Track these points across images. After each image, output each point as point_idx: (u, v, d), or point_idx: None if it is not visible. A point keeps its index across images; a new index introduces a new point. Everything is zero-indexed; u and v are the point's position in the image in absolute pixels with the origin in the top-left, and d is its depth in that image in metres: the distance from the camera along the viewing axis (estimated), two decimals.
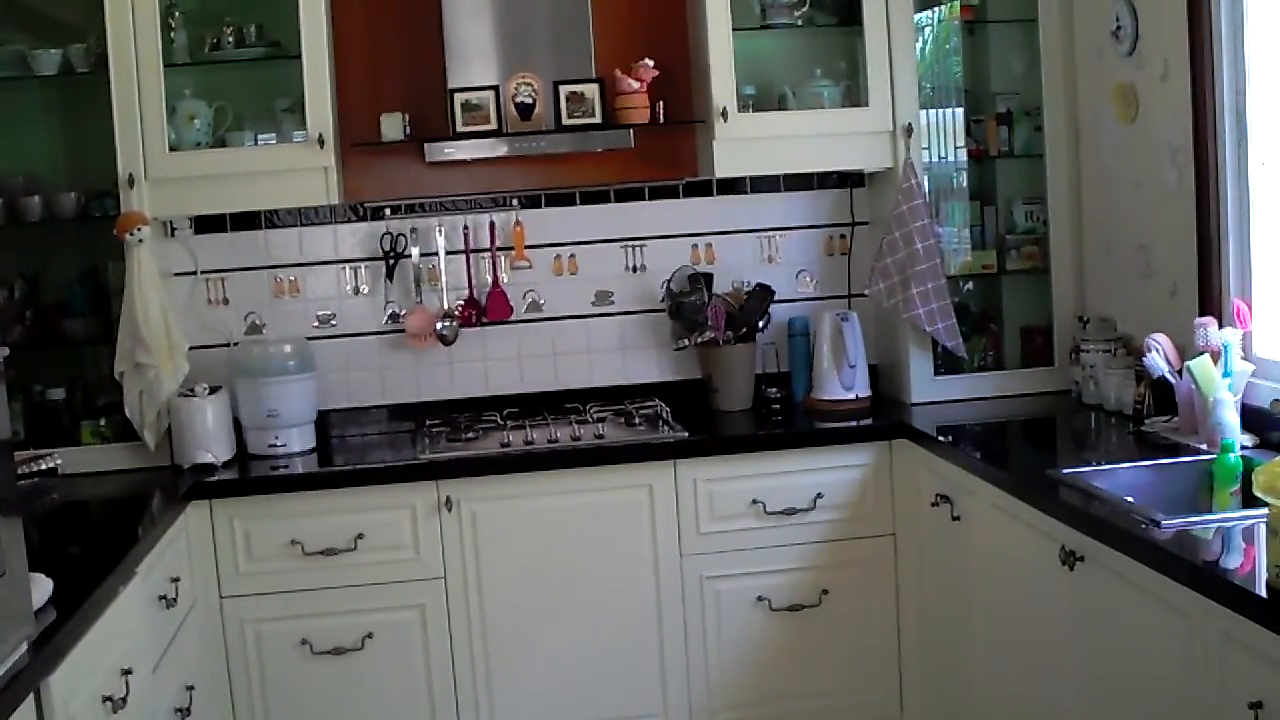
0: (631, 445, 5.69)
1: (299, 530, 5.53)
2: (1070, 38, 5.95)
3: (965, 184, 6.26)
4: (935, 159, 6.17)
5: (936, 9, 6.17)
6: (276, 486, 5.62)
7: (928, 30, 6.18)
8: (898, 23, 5.91)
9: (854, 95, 6.07)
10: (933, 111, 6.16)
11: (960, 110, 6.21)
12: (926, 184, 6.05)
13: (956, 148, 6.20)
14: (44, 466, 5.55)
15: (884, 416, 5.95)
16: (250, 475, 5.72)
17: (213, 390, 5.83)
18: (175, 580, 5.05)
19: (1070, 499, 4.39)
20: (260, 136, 5.93)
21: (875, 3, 5.90)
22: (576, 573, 5.66)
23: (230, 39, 5.91)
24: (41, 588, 4.00)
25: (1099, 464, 4.80)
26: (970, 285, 6.35)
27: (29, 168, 5.95)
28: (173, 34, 5.84)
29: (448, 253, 6.28)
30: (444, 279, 6.27)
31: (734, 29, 5.87)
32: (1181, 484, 4.58)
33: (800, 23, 6.08)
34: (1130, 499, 4.24)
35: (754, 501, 5.67)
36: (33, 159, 5.99)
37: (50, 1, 5.92)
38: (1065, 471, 4.62)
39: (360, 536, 5.54)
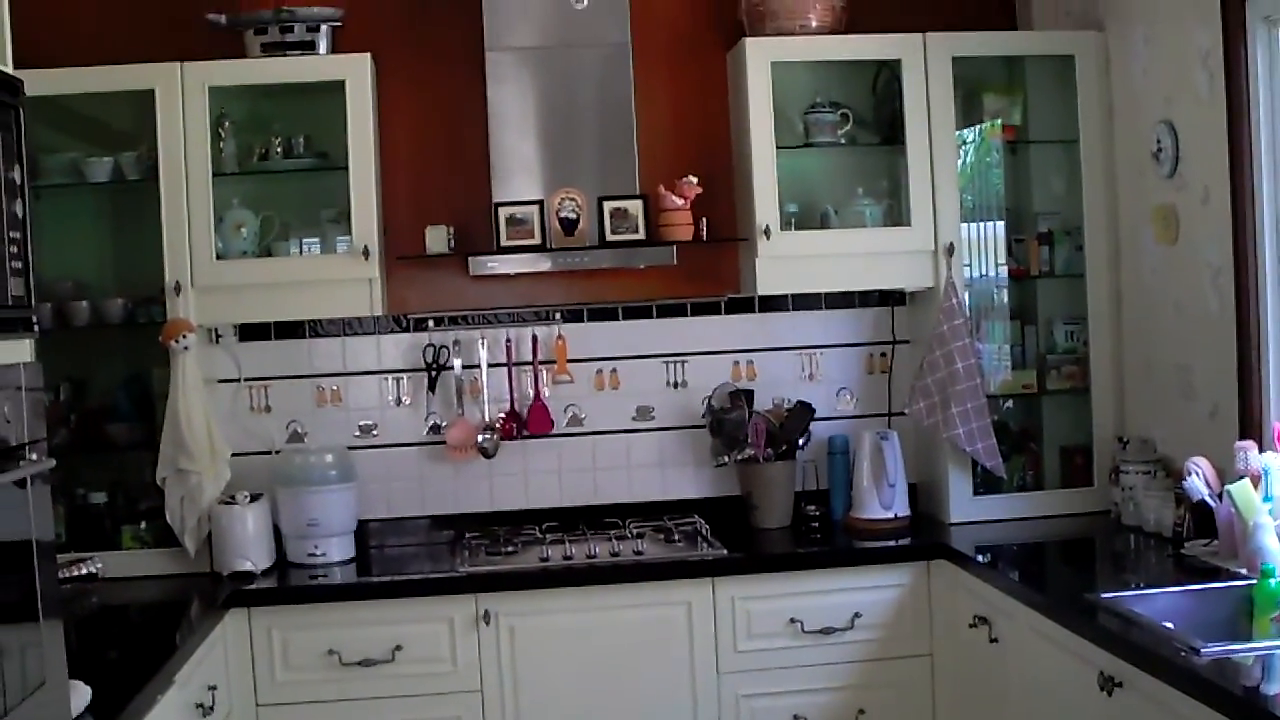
0: (669, 562, 5.67)
1: (337, 640, 5.51)
2: (1111, 159, 5.98)
3: (1006, 303, 6.28)
4: (977, 276, 6.19)
5: (978, 127, 6.20)
6: (315, 596, 5.63)
7: (970, 146, 6.21)
8: (940, 143, 5.94)
9: (896, 214, 6.10)
10: (974, 226, 6.18)
11: (1002, 225, 6.23)
12: (968, 302, 6.06)
13: (998, 265, 6.22)
14: (84, 571, 5.54)
15: (923, 536, 5.93)
16: (289, 584, 5.72)
17: (253, 498, 5.84)
18: (213, 689, 5.04)
19: (1109, 624, 4.35)
20: (306, 245, 5.97)
21: (918, 123, 5.94)
22: (614, 689, 5.61)
23: (279, 149, 5.98)
24: (80, 695, 4.01)
25: (1138, 587, 4.76)
26: (1010, 404, 6.33)
27: (78, 273, 6.00)
28: (222, 144, 5.91)
29: (490, 365, 6.29)
30: (486, 391, 6.28)
31: (777, 147, 5.92)
32: (1221, 609, 4.51)
33: (843, 141, 6.13)
34: (1169, 625, 4.20)
35: (791, 620, 5.63)
36: (82, 264, 6.04)
37: (104, 109, 5.98)
38: (1104, 595, 4.58)
39: (398, 648, 5.51)
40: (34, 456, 3.69)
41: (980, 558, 5.48)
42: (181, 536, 5.77)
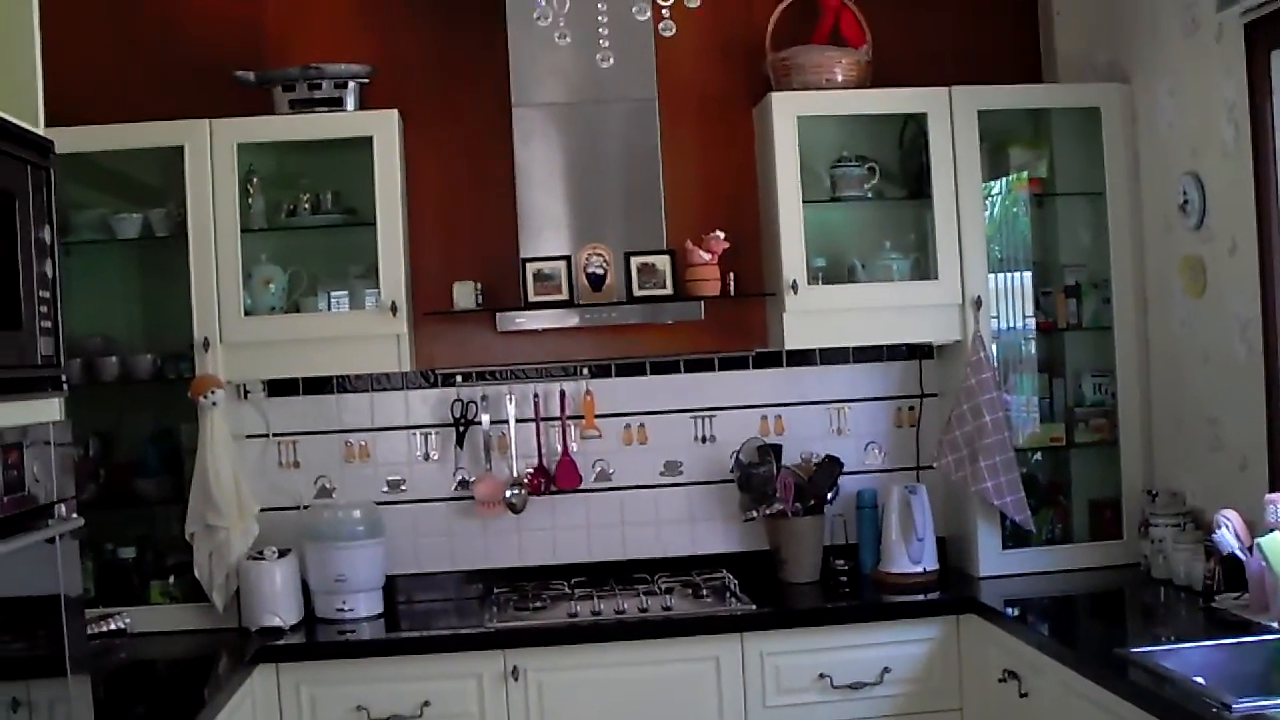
0: (698, 618, 5.65)
1: (365, 696, 5.50)
2: (1138, 211, 5.98)
3: (1034, 355, 6.26)
4: (1004, 328, 6.18)
5: (1004, 180, 6.20)
6: (343, 652, 5.60)
7: (996, 199, 6.21)
8: (966, 196, 5.95)
9: (923, 268, 6.10)
10: (1002, 278, 6.18)
11: (1029, 278, 6.22)
12: (995, 355, 6.06)
13: (1026, 318, 6.21)
14: (113, 626, 5.56)
15: (952, 590, 5.90)
16: (317, 640, 5.71)
17: (282, 553, 5.84)
18: None
19: (1139, 679, 4.31)
20: (334, 301, 5.98)
21: (944, 177, 5.95)
22: None
23: (307, 205, 6.01)
24: None
25: (1168, 642, 4.72)
26: (1039, 457, 6.31)
27: (107, 329, 6.05)
28: (250, 200, 5.93)
29: (518, 420, 6.28)
30: (514, 446, 6.28)
31: (804, 201, 5.93)
32: (1252, 664, 4.48)
33: (870, 195, 6.15)
34: (1200, 680, 4.15)
35: (821, 675, 5.60)
36: (111, 320, 6.08)
37: (133, 166, 6.02)
38: (1134, 650, 4.54)
39: (426, 704, 5.50)
40: (63, 514, 3.69)
41: (1009, 612, 5.46)
42: (210, 592, 5.78)
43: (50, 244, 3.71)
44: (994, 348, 6.06)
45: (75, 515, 3.77)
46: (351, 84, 5.94)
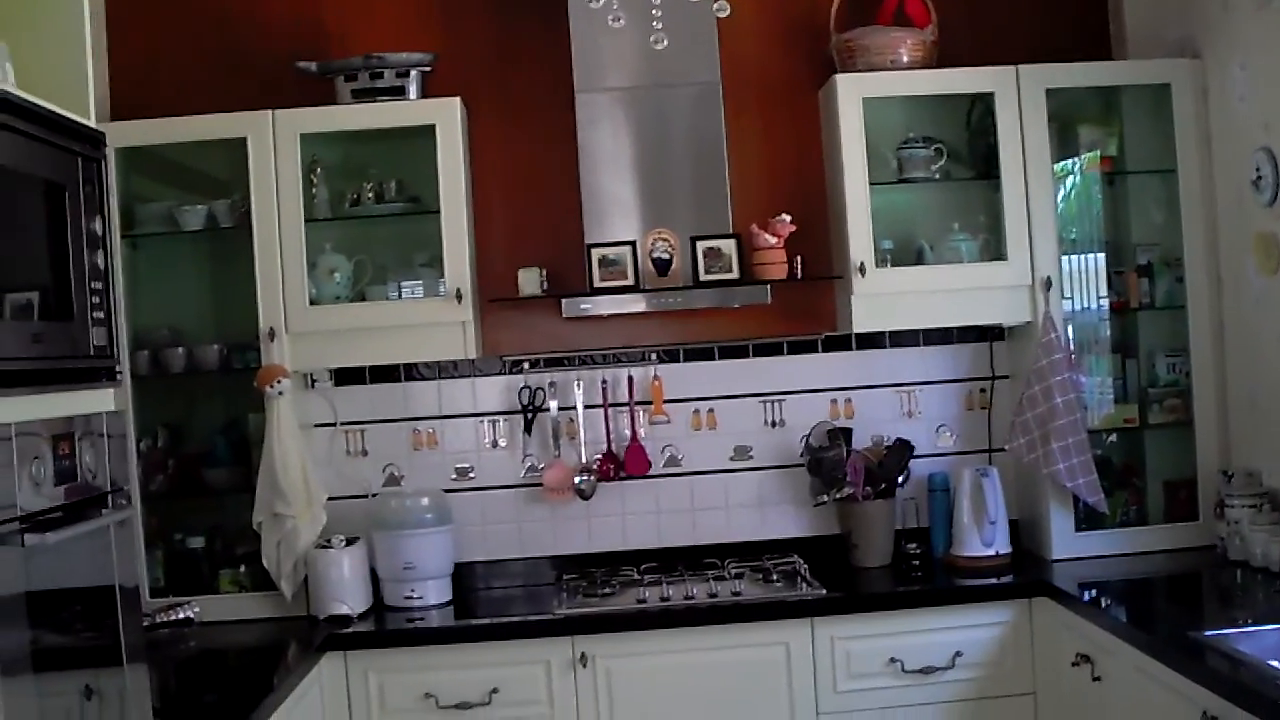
0: (768, 603, 5.62)
1: (433, 684, 5.50)
2: (1210, 188, 5.89)
3: (1107, 336, 6.19)
4: (1077, 309, 6.11)
5: (1075, 160, 6.12)
6: (411, 640, 5.62)
7: (1066, 178, 6.13)
8: (1035, 176, 5.88)
9: (992, 249, 6.03)
10: (1075, 259, 6.11)
11: (1101, 258, 6.14)
12: (1071, 335, 6.00)
13: (1099, 299, 6.14)
14: (180, 616, 5.59)
15: (1024, 573, 5.84)
16: (385, 628, 5.72)
17: (350, 542, 5.86)
18: None
19: (1214, 663, 4.25)
20: (399, 289, 5.96)
21: (1012, 156, 5.88)
22: None
23: (370, 195, 6.01)
24: None
25: (1244, 624, 4.65)
26: (1112, 439, 6.24)
27: (174, 320, 6.08)
28: (314, 190, 5.95)
29: (586, 406, 6.28)
30: (582, 433, 6.27)
31: (871, 183, 5.89)
32: None
33: (937, 177, 6.09)
34: (1276, 663, 4.10)
35: (892, 660, 5.56)
36: (178, 312, 6.11)
37: (197, 158, 6.06)
38: (1209, 633, 4.48)
39: (494, 691, 5.50)
40: (117, 504, 3.70)
41: (1083, 595, 5.39)
42: (278, 580, 5.80)
43: (102, 235, 3.71)
44: (1067, 329, 5.99)
45: (129, 504, 3.75)
46: (414, 72, 5.94)
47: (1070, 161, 6.13)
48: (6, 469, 3.10)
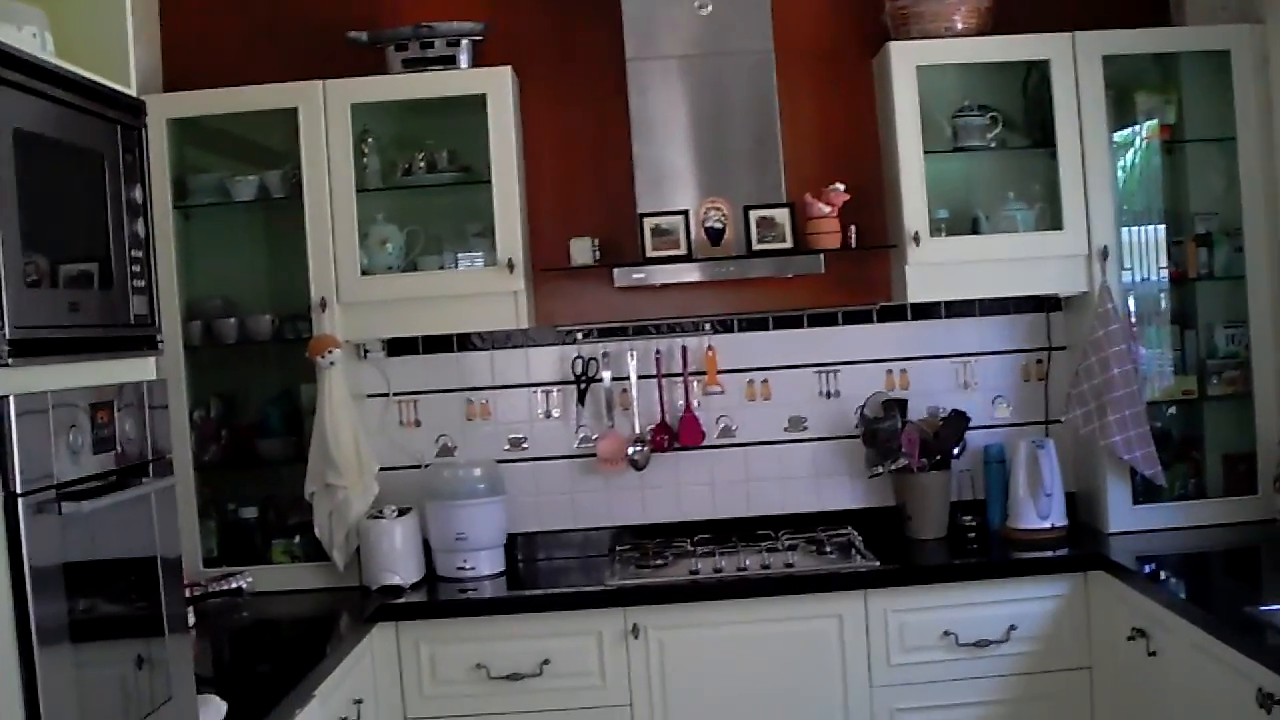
0: (821, 574, 5.59)
1: (485, 654, 5.51)
2: (1271, 156, 5.80)
3: (1165, 307, 6.11)
4: (1136, 280, 6.03)
5: (1134, 128, 6.05)
6: (463, 610, 5.63)
7: (1124, 147, 6.05)
8: (1092, 144, 5.81)
9: (1049, 218, 5.97)
10: (1134, 231, 6.03)
11: (1160, 228, 6.07)
12: (1132, 306, 5.95)
13: (1159, 269, 6.06)
14: (231, 586, 5.60)
15: (1081, 546, 5.77)
16: (438, 598, 5.73)
17: (402, 512, 5.87)
18: (359, 702, 5.07)
19: (1271, 639, 4.19)
20: (451, 259, 5.97)
21: (1069, 124, 5.81)
22: (764, 703, 5.54)
23: (422, 164, 6.00)
24: (214, 710, 4.01)
25: None
26: (1171, 411, 6.17)
27: (226, 291, 6.11)
28: (365, 160, 5.95)
29: (640, 377, 6.27)
30: (636, 403, 6.26)
31: (926, 152, 5.84)
32: None
33: (993, 145, 6.02)
34: None
35: (946, 633, 5.53)
36: (230, 282, 6.13)
37: (248, 129, 6.08)
38: (1265, 609, 4.42)
39: (546, 662, 5.50)
40: (159, 473, 3.69)
41: (1139, 569, 5.33)
42: (330, 551, 5.82)
43: (143, 204, 3.69)
44: (1131, 300, 5.94)
45: (170, 474, 3.74)
46: (464, 42, 5.93)
47: (1128, 130, 6.04)
48: (43, 438, 3.09)
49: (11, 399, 2.95)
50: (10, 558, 2.96)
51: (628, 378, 6.27)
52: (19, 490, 2.96)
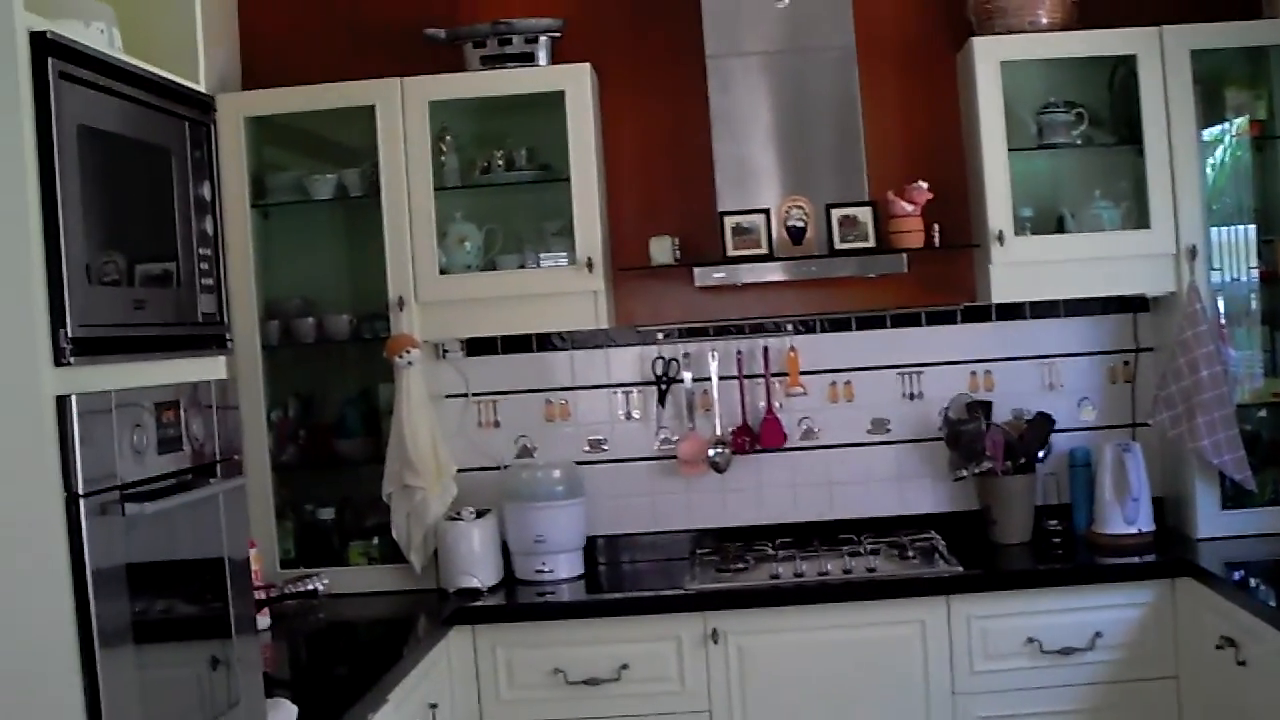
0: (903, 580, 5.52)
1: (563, 659, 5.48)
2: None
3: (1255, 307, 5.99)
4: (1225, 280, 5.92)
5: (1223, 124, 5.93)
6: (540, 614, 5.60)
7: (1213, 143, 5.94)
8: (1180, 141, 5.70)
9: (1135, 216, 5.86)
10: (1223, 230, 5.92)
11: (1251, 229, 5.95)
12: (1221, 307, 5.84)
13: (1249, 268, 5.95)
14: (306, 588, 5.57)
15: (1168, 552, 5.66)
16: (516, 601, 5.69)
17: (480, 514, 5.83)
18: (434, 706, 5.05)
19: None
20: (531, 258, 5.94)
21: (1156, 121, 5.71)
22: (845, 710, 5.48)
23: (500, 162, 5.97)
24: (285, 713, 3.99)
25: None
26: (1261, 414, 6.04)
27: (304, 290, 6.11)
28: (444, 158, 5.93)
29: (721, 378, 6.21)
30: (717, 405, 6.20)
31: (1010, 149, 5.74)
32: None
33: (1079, 142, 5.92)
34: None
35: (1030, 640, 5.43)
36: (308, 281, 6.14)
37: (326, 127, 6.08)
38: None
39: (624, 667, 5.46)
40: (227, 474, 3.67)
41: (1228, 575, 5.22)
42: (408, 553, 5.79)
43: (211, 201, 3.67)
44: (1220, 301, 5.83)
45: (239, 474, 3.72)
46: (543, 38, 5.90)
47: (1217, 127, 5.93)
48: (107, 438, 3.07)
49: (74, 398, 2.94)
50: (72, 558, 2.94)
51: (709, 379, 6.21)
52: (81, 491, 2.94)
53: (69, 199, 2.95)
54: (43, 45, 2.95)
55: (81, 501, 2.93)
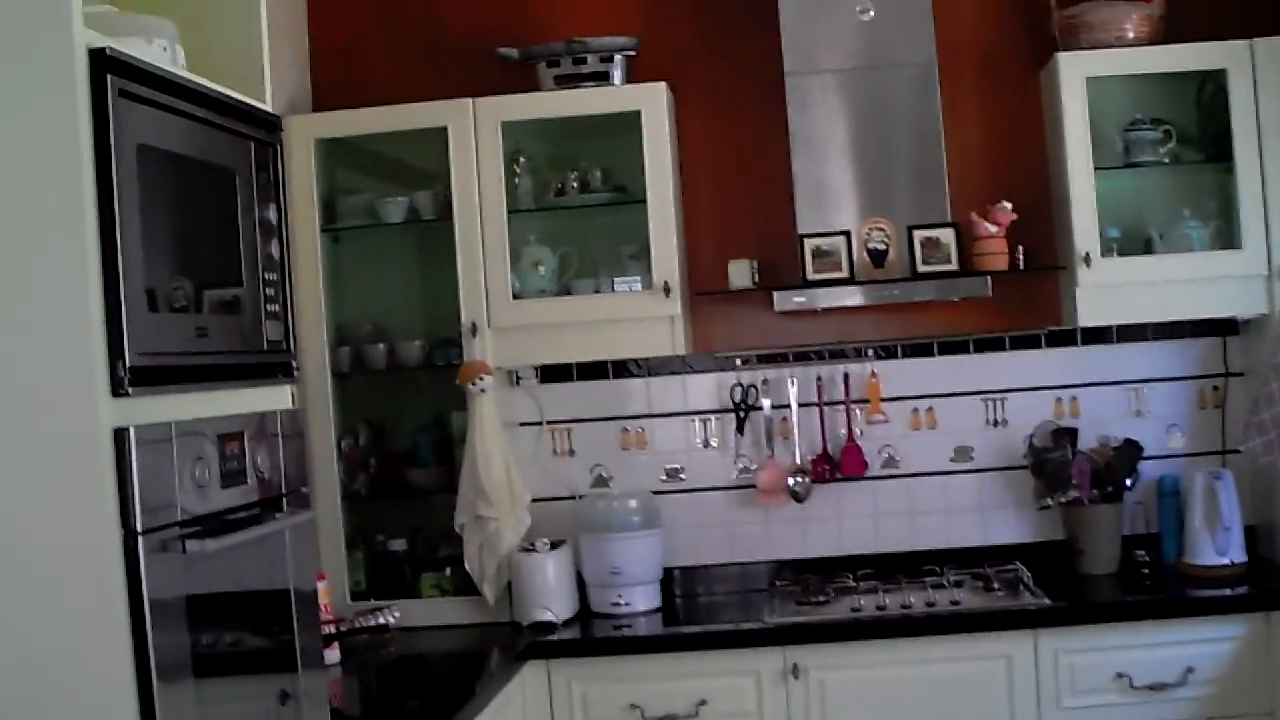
0: (988, 613, 5.38)
1: (639, 694, 5.37)
2: None
3: None
4: None
5: None
6: (616, 648, 5.50)
7: None
8: (1272, 158, 5.54)
9: (1226, 236, 5.72)
10: None
11: None
12: None
13: None
14: (377, 622, 5.49)
15: (1262, 584, 5.50)
16: (591, 635, 5.59)
17: (555, 545, 5.73)
18: None
19: None
20: (606, 282, 5.86)
21: (1247, 137, 5.56)
22: None
23: (575, 184, 5.90)
24: None
25: None
26: None
27: (375, 315, 6.05)
28: (517, 180, 5.86)
29: (800, 405, 6.09)
30: (796, 432, 6.08)
31: (1096, 168, 5.61)
32: None
33: (1166, 160, 5.79)
34: None
35: (1119, 675, 5.27)
36: (379, 307, 6.08)
37: (397, 149, 6.02)
38: None
39: (702, 703, 5.35)
40: (294, 507, 3.59)
41: None
42: (480, 585, 5.70)
43: (277, 224, 3.59)
44: None
45: (306, 508, 3.63)
46: (618, 57, 5.82)
47: None
48: (167, 471, 3.00)
49: (132, 430, 2.87)
50: (130, 593, 2.87)
51: (788, 405, 6.09)
52: (140, 528, 2.86)
53: (128, 221, 2.88)
54: (102, 62, 2.89)
55: (140, 539, 2.86)
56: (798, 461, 6.10)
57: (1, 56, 2.85)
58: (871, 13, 4.46)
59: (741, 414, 6.13)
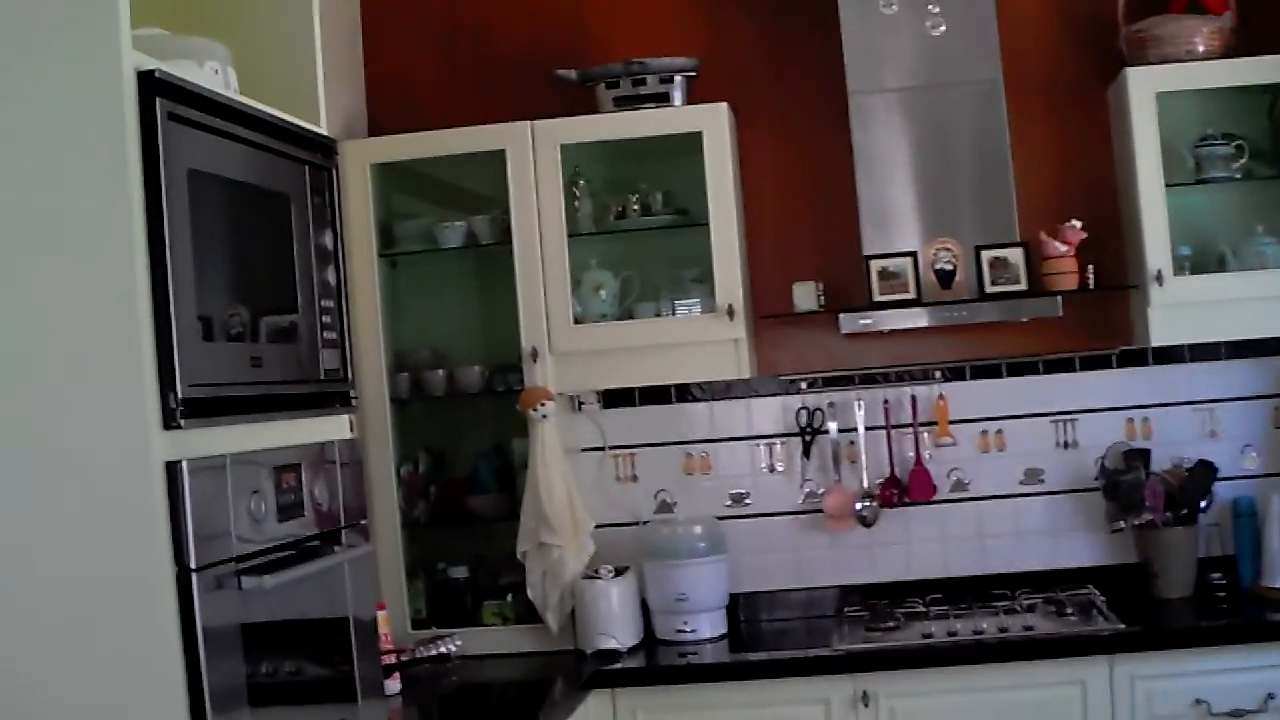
0: (1062, 638, 5.27)
1: None
2: None
3: None
4: None
5: None
6: (683, 676, 5.44)
7: None
8: None
9: None
10: None
11: None
12: None
13: None
14: (439, 651, 5.44)
15: None
16: (657, 663, 5.53)
17: (619, 572, 5.67)
18: None
19: None
20: (669, 306, 5.80)
21: None
22: None
23: (636, 207, 5.84)
24: None
25: None
26: None
27: (434, 341, 6.03)
28: (577, 203, 5.81)
29: (867, 428, 6.01)
30: (864, 456, 6.00)
31: (1166, 184, 5.51)
32: None
33: (1238, 176, 5.68)
34: None
35: (1197, 701, 5.16)
36: (438, 333, 6.05)
37: (455, 173, 5.99)
38: None
39: None
40: (352, 540, 3.53)
41: None
42: (543, 613, 5.65)
43: (334, 250, 3.53)
44: None
45: (365, 541, 3.56)
46: (678, 78, 5.77)
47: None
48: (221, 505, 2.94)
49: (185, 463, 2.80)
50: (183, 626, 2.82)
51: (855, 429, 6.01)
52: (193, 565, 2.80)
53: (179, 248, 2.82)
54: (151, 85, 2.83)
55: (194, 575, 2.80)
56: (865, 486, 6.02)
57: (49, 79, 2.80)
58: (944, 27, 4.37)
59: (807, 438, 6.06)
